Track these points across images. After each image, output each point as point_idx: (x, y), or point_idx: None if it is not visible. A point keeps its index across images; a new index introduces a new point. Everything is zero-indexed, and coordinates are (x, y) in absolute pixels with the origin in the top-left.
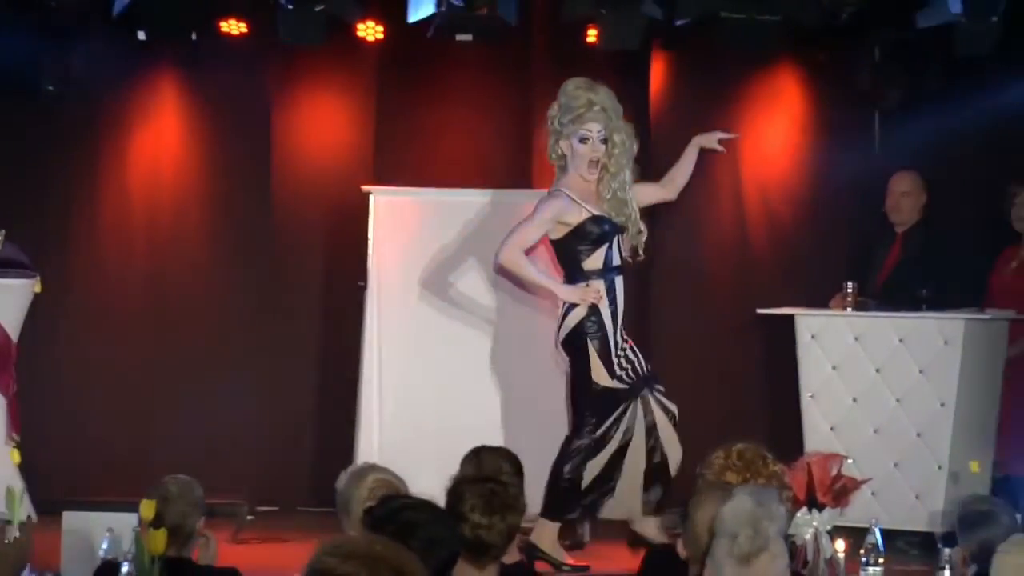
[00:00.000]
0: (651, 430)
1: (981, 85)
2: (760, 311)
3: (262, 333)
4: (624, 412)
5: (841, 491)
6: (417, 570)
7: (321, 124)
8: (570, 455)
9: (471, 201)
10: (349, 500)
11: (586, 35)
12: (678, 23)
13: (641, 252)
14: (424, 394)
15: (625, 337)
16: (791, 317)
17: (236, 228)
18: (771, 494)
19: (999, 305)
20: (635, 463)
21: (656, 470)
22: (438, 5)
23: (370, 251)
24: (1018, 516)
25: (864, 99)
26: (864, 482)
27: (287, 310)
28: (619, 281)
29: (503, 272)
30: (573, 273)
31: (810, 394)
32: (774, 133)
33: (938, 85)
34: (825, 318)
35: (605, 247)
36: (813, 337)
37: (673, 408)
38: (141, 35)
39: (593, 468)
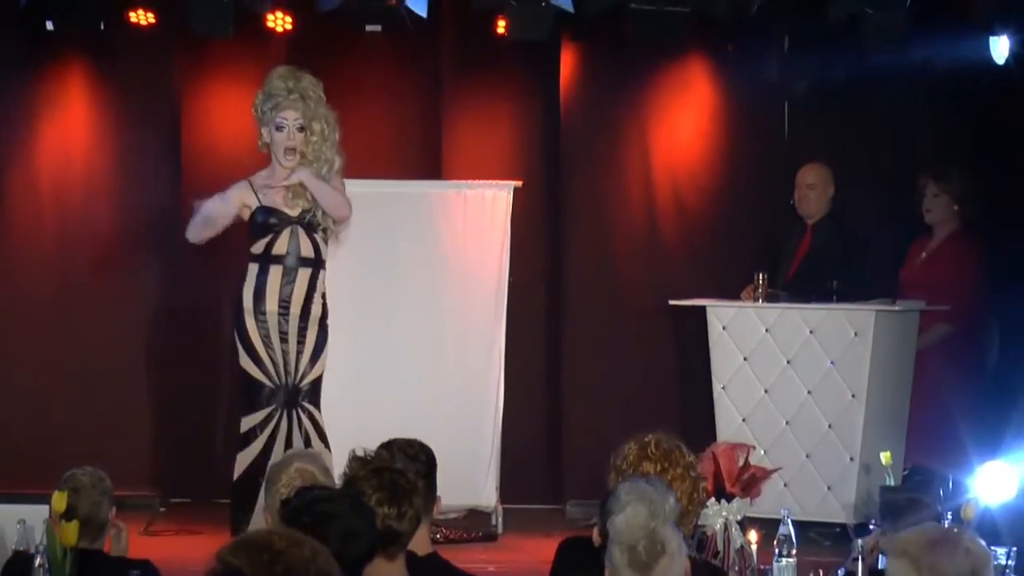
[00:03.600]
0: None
1: (890, 76)
2: (672, 303)
3: (173, 323)
4: (271, 414)
5: (750, 481)
6: (322, 566)
7: (231, 115)
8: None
9: (378, 192)
10: (269, 489)
11: (495, 26)
12: (587, 14)
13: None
14: (335, 384)
15: (286, 336)
16: (703, 308)
17: (146, 220)
18: (658, 489)
19: (909, 297)
20: None
21: None
22: None
23: None
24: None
25: (773, 89)
26: (773, 472)
27: (199, 301)
28: (274, 271)
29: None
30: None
31: (722, 385)
32: (684, 124)
33: (847, 76)
34: (736, 309)
35: (269, 237)
36: (724, 328)
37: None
38: (49, 25)
39: (242, 460)
